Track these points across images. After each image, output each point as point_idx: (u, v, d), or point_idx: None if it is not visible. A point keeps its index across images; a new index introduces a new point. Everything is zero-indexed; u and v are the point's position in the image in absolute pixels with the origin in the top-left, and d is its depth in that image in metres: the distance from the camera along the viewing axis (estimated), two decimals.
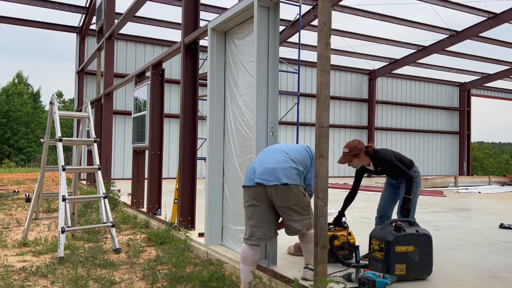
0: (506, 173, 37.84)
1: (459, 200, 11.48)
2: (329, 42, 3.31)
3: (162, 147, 7.74)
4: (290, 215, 3.61)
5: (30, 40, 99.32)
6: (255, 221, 3.60)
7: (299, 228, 3.64)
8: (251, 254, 3.59)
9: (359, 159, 4.45)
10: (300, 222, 3.64)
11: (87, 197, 6.88)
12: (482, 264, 4.49)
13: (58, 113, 5.79)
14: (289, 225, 3.66)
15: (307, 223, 3.65)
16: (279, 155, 3.68)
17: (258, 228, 3.60)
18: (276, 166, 3.57)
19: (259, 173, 3.56)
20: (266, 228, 3.62)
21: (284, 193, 3.52)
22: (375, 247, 3.88)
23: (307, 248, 3.78)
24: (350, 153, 4.42)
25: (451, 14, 15.71)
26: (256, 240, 3.59)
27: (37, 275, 4.31)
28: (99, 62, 14.79)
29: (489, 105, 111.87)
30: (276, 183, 3.49)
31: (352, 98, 23.12)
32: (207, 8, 15.79)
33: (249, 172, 3.67)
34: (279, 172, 3.53)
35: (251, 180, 3.59)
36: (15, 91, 43.40)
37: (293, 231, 3.67)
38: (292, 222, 3.63)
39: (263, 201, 3.58)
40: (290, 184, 3.52)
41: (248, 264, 3.59)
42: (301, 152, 3.81)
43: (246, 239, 3.63)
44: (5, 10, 63.71)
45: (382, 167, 4.48)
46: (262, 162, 3.65)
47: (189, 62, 6.32)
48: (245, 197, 3.67)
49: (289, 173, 3.56)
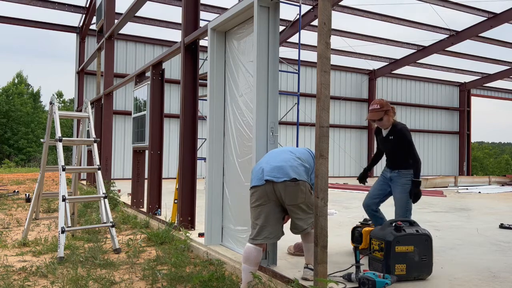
0: (506, 173, 37.87)
1: (459, 200, 11.48)
2: (329, 42, 3.31)
3: (162, 147, 7.74)
4: (297, 214, 3.64)
5: (30, 40, 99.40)
6: (262, 221, 3.62)
7: (305, 227, 3.67)
8: (255, 254, 3.59)
9: (388, 117, 4.48)
10: (306, 221, 3.67)
11: (87, 197, 6.88)
12: (482, 264, 4.49)
13: (58, 113, 5.79)
14: (296, 223, 3.69)
15: (311, 222, 3.67)
16: (286, 154, 3.74)
17: (265, 228, 3.61)
18: (284, 164, 3.63)
19: (268, 171, 3.60)
20: (273, 227, 3.64)
21: (293, 190, 3.55)
22: (375, 247, 3.89)
23: (308, 247, 3.79)
24: (382, 108, 4.45)
25: (451, 14, 15.72)
26: (263, 239, 3.61)
27: (37, 275, 4.31)
28: (99, 62, 14.79)
29: (489, 105, 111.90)
30: (285, 179, 3.53)
31: (352, 98, 23.12)
32: (207, 8, 15.79)
33: (256, 172, 3.69)
34: (287, 169, 3.58)
35: (260, 179, 3.61)
36: (15, 91, 43.42)
37: (299, 229, 3.69)
38: (298, 220, 3.66)
39: (271, 199, 3.61)
40: (299, 180, 3.56)
41: (250, 264, 3.59)
42: (304, 154, 3.86)
43: (252, 238, 3.64)
44: (5, 10, 63.73)
45: (395, 136, 4.47)
46: (270, 161, 3.69)
47: (189, 62, 6.32)
48: (253, 198, 3.68)
49: (297, 170, 3.61)
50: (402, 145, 4.46)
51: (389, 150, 4.63)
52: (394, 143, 4.50)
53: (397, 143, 4.49)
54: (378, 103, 4.49)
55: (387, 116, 4.48)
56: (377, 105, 4.47)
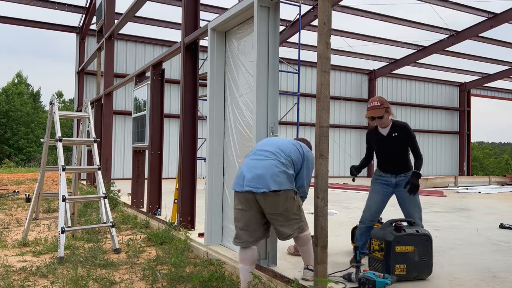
0: (506, 173, 37.84)
1: (459, 200, 11.48)
2: (329, 42, 3.31)
3: (162, 147, 7.74)
4: (279, 221, 3.54)
5: (30, 40, 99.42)
6: (242, 225, 3.57)
7: (289, 233, 3.57)
8: (248, 253, 3.57)
9: (388, 114, 4.32)
10: (291, 227, 3.57)
11: (87, 197, 6.88)
12: (482, 264, 4.49)
13: (58, 113, 5.79)
14: (279, 230, 3.59)
15: (298, 227, 3.60)
16: (269, 160, 3.55)
17: (245, 232, 3.55)
18: (265, 172, 3.46)
19: (248, 180, 3.48)
20: (253, 231, 3.56)
21: (273, 200, 3.44)
22: (375, 247, 3.89)
23: (303, 250, 3.77)
24: (383, 105, 4.29)
25: (451, 14, 15.71)
26: (243, 243, 3.56)
27: (37, 275, 4.31)
28: (99, 62, 14.79)
29: (489, 105, 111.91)
30: (265, 190, 3.41)
31: (352, 98, 23.12)
32: (207, 8, 15.79)
33: (238, 177, 3.59)
34: (268, 179, 3.43)
35: (241, 186, 3.52)
36: (15, 91, 43.41)
37: (284, 236, 3.59)
38: (281, 227, 3.56)
39: (252, 206, 3.52)
40: (279, 190, 3.43)
41: (246, 264, 3.57)
42: (291, 151, 3.66)
43: (235, 239, 3.62)
44: (5, 10, 63.70)
45: (400, 133, 4.30)
46: (251, 167, 3.54)
47: (189, 62, 6.32)
48: (235, 200, 3.62)
49: (278, 179, 3.45)
50: (406, 143, 4.29)
51: (389, 151, 4.35)
52: (398, 141, 4.29)
53: (401, 140, 4.29)
54: (378, 100, 4.34)
55: (387, 114, 4.33)
56: (377, 102, 4.32)
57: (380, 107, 4.29)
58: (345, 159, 22.66)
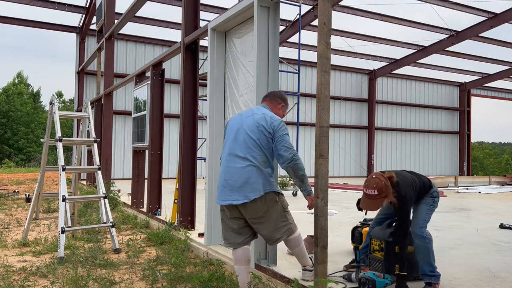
0: (506, 173, 37.85)
1: (459, 200, 11.48)
2: (329, 42, 3.31)
3: (162, 147, 7.74)
4: (263, 224, 3.48)
5: (30, 40, 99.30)
6: (228, 227, 3.58)
7: (278, 237, 3.52)
8: (240, 253, 3.56)
9: (388, 199, 3.52)
10: (278, 231, 3.51)
11: (87, 197, 6.88)
12: (482, 264, 4.49)
13: (58, 113, 5.79)
14: (265, 235, 3.53)
15: (286, 230, 3.55)
16: (241, 162, 3.43)
17: (231, 233, 3.57)
18: (241, 181, 3.39)
19: (227, 194, 3.47)
20: (239, 234, 3.56)
21: (252, 206, 3.42)
22: (375, 247, 3.88)
23: (296, 253, 3.75)
24: (381, 195, 3.45)
25: (451, 14, 15.72)
26: (231, 244, 3.57)
27: (37, 275, 4.30)
28: (99, 62, 14.79)
29: (489, 105, 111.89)
30: (245, 201, 3.39)
31: (352, 98, 23.12)
32: (207, 8, 15.79)
33: (219, 190, 3.56)
34: (246, 189, 3.39)
35: (222, 200, 3.51)
36: (15, 91, 43.40)
37: (272, 240, 3.53)
38: (268, 232, 3.49)
39: (235, 213, 3.52)
40: (258, 198, 3.39)
41: (241, 264, 3.56)
42: (260, 138, 3.43)
43: (224, 241, 3.63)
44: (5, 10, 63.65)
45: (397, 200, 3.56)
46: (228, 178, 3.47)
47: (189, 62, 6.32)
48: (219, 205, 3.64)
49: (255, 186, 3.39)
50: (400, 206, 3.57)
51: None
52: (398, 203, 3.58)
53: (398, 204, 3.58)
54: (375, 187, 3.44)
55: (387, 200, 3.51)
56: (374, 191, 3.44)
57: (377, 198, 3.46)
58: (345, 159, 22.66)
